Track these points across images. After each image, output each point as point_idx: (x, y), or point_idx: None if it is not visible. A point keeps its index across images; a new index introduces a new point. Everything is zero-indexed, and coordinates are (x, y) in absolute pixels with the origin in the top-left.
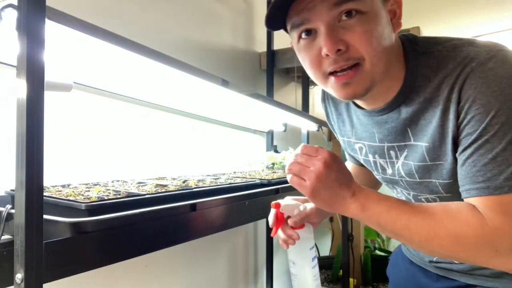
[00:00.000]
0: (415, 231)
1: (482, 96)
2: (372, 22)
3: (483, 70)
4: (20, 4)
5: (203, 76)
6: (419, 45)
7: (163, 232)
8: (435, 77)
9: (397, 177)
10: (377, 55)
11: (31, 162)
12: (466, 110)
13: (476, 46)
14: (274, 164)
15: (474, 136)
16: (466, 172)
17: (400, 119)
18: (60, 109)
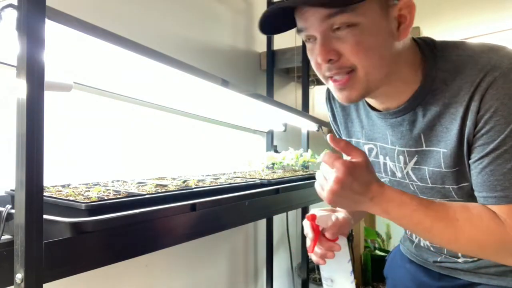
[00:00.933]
0: (438, 235)
1: (504, 108)
2: (364, 33)
3: (506, 81)
4: (20, 4)
5: (203, 76)
6: (437, 48)
7: (163, 232)
8: (453, 81)
9: (407, 180)
10: (371, 64)
11: (31, 162)
12: (486, 119)
13: (497, 53)
14: (274, 164)
15: (493, 145)
16: (483, 180)
17: (416, 122)
18: (60, 109)
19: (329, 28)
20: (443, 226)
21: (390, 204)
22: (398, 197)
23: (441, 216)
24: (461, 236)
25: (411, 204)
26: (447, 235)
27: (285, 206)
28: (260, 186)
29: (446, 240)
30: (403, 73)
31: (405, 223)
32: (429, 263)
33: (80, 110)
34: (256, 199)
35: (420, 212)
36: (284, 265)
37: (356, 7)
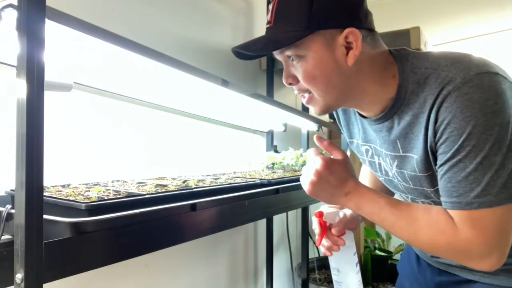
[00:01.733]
0: (400, 233)
1: (456, 120)
2: (310, 64)
3: (458, 95)
4: (20, 4)
5: (203, 76)
6: (410, 61)
7: (163, 232)
8: (421, 93)
9: (396, 180)
10: (322, 89)
11: (31, 162)
12: (442, 130)
13: (457, 67)
14: (274, 164)
15: (449, 155)
16: (443, 186)
17: (393, 130)
18: (60, 109)
19: (286, 58)
20: (404, 225)
21: (362, 200)
22: (370, 195)
23: (403, 216)
24: (419, 235)
25: (380, 202)
26: (407, 232)
27: (285, 206)
28: (260, 186)
29: (406, 237)
30: (368, 88)
31: (374, 219)
32: (429, 258)
33: (80, 110)
34: (256, 199)
35: (386, 210)
36: (284, 265)
37: (300, 43)
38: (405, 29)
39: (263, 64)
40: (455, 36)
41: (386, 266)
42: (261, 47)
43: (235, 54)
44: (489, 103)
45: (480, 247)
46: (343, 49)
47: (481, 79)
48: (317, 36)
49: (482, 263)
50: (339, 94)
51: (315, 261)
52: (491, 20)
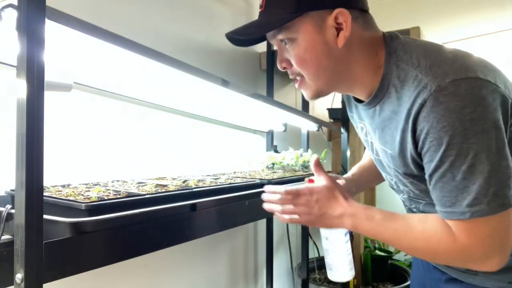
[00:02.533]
0: (399, 246)
1: (434, 131)
2: (301, 47)
3: (434, 104)
4: (20, 4)
5: (203, 76)
6: (397, 53)
7: (163, 232)
8: (401, 90)
9: (383, 162)
10: (312, 73)
11: (31, 162)
12: (422, 140)
13: (434, 71)
14: (274, 164)
15: (434, 164)
16: (436, 195)
17: (375, 118)
18: (60, 109)
19: (279, 42)
20: (402, 237)
21: (356, 219)
22: (364, 213)
23: (399, 229)
24: (417, 246)
25: (374, 218)
26: (405, 245)
27: None
28: (260, 186)
29: (406, 249)
30: (359, 73)
31: (373, 235)
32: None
33: (80, 110)
34: (256, 199)
35: (382, 226)
36: (284, 265)
37: (289, 26)
38: (405, 29)
39: (263, 64)
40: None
41: (386, 266)
42: (252, 31)
43: (230, 40)
44: (467, 110)
45: (479, 253)
46: (333, 30)
47: (457, 86)
48: (307, 18)
49: (485, 266)
50: (329, 77)
51: (315, 261)
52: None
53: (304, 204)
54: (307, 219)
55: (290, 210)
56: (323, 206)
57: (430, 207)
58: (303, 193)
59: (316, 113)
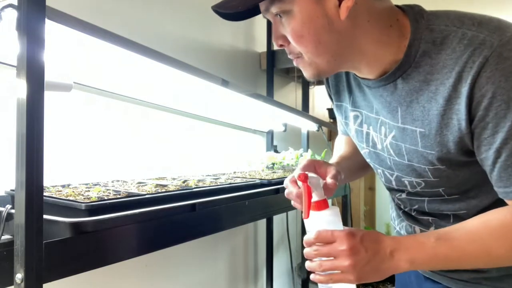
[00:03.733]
0: (470, 263)
1: (502, 91)
2: (297, 21)
3: (500, 61)
4: (20, 4)
5: (203, 76)
6: (425, 19)
7: (163, 232)
8: (437, 55)
9: (385, 154)
10: (311, 50)
11: (31, 162)
12: (485, 106)
13: (487, 27)
14: (274, 164)
15: (503, 135)
16: (505, 173)
17: (395, 94)
18: (60, 109)
19: (274, 16)
20: (472, 252)
21: (411, 250)
22: (413, 239)
23: (465, 243)
24: (495, 254)
25: (429, 241)
26: (481, 259)
27: (285, 206)
28: (260, 186)
29: (482, 263)
30: (367, 47)
31: (434, 266)
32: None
33: (80, 110)
34: (256, 199)
35: (442, 246)
36: (284, 265)
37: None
38: None
39: (263, 64)
40: None
41: None
42: (238, 3)
43: (218, 14)
44: None
45: None
46: (335, 0)
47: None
48: None
49: None
50: (331, 55)
51: None
52: None
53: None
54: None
55: (329, 264)
56: (370, 248)
57: (437, 203)
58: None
59: (316, 113)
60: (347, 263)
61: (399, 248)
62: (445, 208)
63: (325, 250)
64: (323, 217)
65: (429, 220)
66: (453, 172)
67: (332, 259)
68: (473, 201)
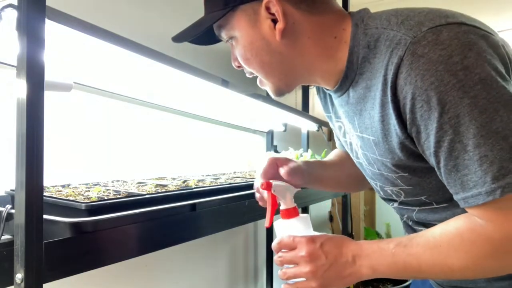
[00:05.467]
0: (431, 273)
1: (420, 92)
2: (240, 45)
3: (413, 60)
4: (20, 4)
5: (203, 76)
6: (364, 22)
7: (163, 232)
8: (373, 60)
9: (364, 164)
10: (259, 71)
11: (31, 162)
12: (409, 109)
13: (407, 24)
14: None
15: (435, 136)
16: (449, 179)
17: (349, 104)
18: (60, 109)
19: (226, 41)
20: (429, 260)
21: (372, 256)
22: (376, 244)
23: (422, 251)
24: (451, 264)
25: (388, 247)
26: (440, 269)
27: None
28: None
29: (441, 274)
30: (313, 62)
31: (394, 274)
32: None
33: (80, 110)
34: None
35: (400, 254)
36: None
37: (225, 23)
38: None
39: None
40: None
41: None
42: (187, 34)
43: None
44: (455, 59)
45: None
46: (270, 22)
47: (437, 33)
48: (239, 12)
49: None
50: (281, 73)
51: None
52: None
53: (308, 256)
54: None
55: (292, 272)
56: (331, 253)
57: (425, 213)
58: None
59: (316, 113)
60: (307, 269)
61: (361, 254)
62: (432, 218)
63: (287, 257)
64: (291, 225)
65: (422, 230)
66: (421, 179)
67: (294, 266)
68: (458, 209)
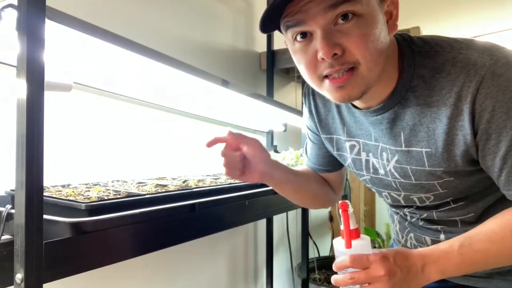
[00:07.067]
0: (498, 263)
1: (501, 104)
2: (368, 26)
3: (494, 78)
4: (20, 4)
5: (203, 76)
6: (415, 44)
7: (163, 232)
8: (432, 78)
9: (390, 178)
10: (373, 60)
11: (31, 162)
12: (487, 119)
13: (475, 49)
14: None
15: (508, 143)
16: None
17: (396, 120)
18: (60, 109)
19: (331, 21)
20: (495, 253)
21: (439, 261)
22: (439, 250)
23: (487, 246)
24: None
25: (453, 249)
26: (504, 258)
27: (285, 206)
28: (260, 186)
29: (506, 261)
30: (387, 70)
31: (464, 271)
32: None
33: (80, 110)
34: (256, 199)
35: (467, 252)
36: (284, 265)
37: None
38: (405, 29)
39: (263, 64)
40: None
41: None
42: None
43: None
44: None
45: None
46: (385, 16)
47: (505, 57)
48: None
49: None
50: (382, 68)
51: (315, 261)
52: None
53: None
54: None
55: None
56: (404, 266)
57: (444, 212)
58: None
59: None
60: (388, 287)
61: (428, 262)
62: (454, 214)
63: (362, 277)
64: (357, 245)
65: (437, 228)
66: (461, 182)
67: (367, 285)
68: (480, 203)
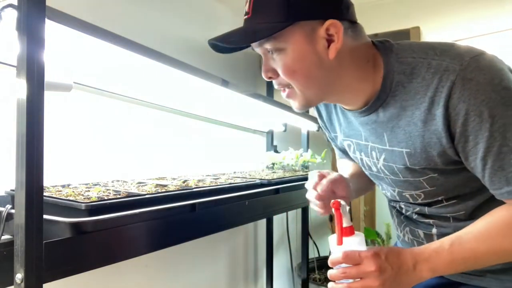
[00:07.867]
0: (488, 260)
1: (474, 108)
2: (289, 58)
3: (464, 83)
4: (20, 4)
5: (203, 76)
6: (394, 52)
7: (163, 232)
8: (409, 84)
9: (382, 174)
10: (302, 84)
11: (31, 162)
12: (462, 123)
13: (448, 55)
14: (274, 164)
15: (485, 144)
16: (495, 177)
17: (378, 122)
18: (60, 109)
19: (265, 51)
20: (485, 251)
21: (430, 260)
22: (430, 249)
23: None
24: (505, 250)
25: (444, 248)
26: (494, 256)
27: (285, 206)
28: (260, 186)
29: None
30: (350, 82)
31: (454, 270)
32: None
33: (80, 110)
34: (256, 199)
35: (457, 251)
36: (284, 265)
37: (279, 35)
38: (405, 29)
39: None
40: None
41: None
42: (238, 39)
43: (212, 46)
44: (496, 81)
45: None
46: (324, 41)
47: (477, 62)
48: (297, 28)
49: None
50: (319, 88)
51: (315, 261)
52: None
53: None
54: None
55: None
56: (395, 263)
57: (436, 209)
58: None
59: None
60: (377, 283)
61: (419, 260)
62: (444, 211)
63: (353, 272)
64: (351, 242)
65: (430, 222)
66: (446, 179)
67: (359, 280)
68: (470, 202)
